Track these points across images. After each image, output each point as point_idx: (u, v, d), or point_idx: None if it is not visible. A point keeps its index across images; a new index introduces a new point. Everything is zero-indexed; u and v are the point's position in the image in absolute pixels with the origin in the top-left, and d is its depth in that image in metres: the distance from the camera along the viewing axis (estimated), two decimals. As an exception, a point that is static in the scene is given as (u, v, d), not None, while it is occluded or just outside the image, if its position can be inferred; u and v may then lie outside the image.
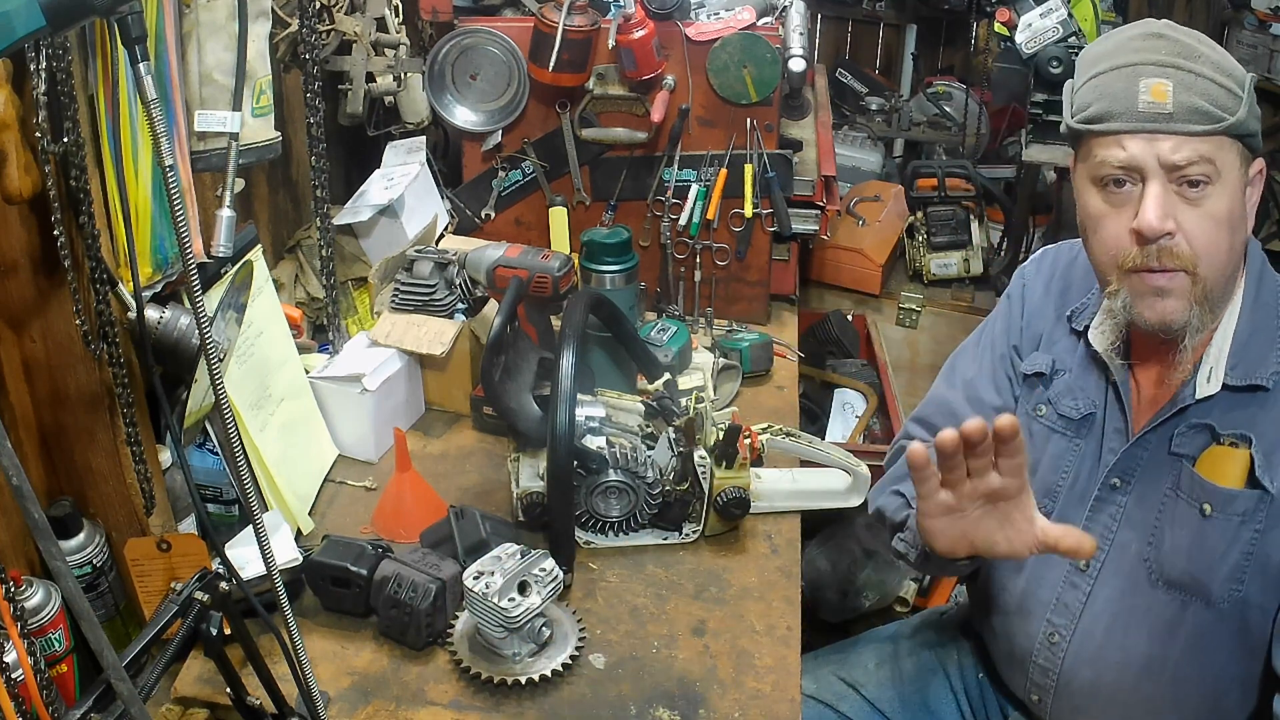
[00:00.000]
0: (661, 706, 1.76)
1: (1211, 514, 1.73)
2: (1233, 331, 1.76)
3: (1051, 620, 1.93)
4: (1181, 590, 1.78)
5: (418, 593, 1.81)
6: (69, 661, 1.74)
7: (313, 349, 2.45)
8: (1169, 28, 1.71)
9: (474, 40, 2.73)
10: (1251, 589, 1.73)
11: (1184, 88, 1.64)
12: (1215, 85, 1.64)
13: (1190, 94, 1.64)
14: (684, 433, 2.06)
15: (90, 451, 1.79)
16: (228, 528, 2.08)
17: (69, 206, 1.59)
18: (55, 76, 1.51)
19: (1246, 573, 1.72)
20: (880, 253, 3.88)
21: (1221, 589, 1.74)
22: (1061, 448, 1.93)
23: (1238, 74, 1.67)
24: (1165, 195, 1.67)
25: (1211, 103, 1.63)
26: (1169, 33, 1.69)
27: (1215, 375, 1.74)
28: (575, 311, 2.04)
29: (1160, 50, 1.67)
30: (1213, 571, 1.74)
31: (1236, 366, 1.74)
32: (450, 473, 2.32)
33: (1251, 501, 1.71)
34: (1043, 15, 3.33)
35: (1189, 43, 1.67)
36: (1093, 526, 1.87)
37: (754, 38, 2.67)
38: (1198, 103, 1.63)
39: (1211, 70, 1.65)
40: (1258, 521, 1.71)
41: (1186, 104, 1.63)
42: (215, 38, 1.75)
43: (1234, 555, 1.72)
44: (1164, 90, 1.64)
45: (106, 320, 1.69)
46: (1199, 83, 1.64)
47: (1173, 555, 1.78)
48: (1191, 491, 1.75)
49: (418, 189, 2.77)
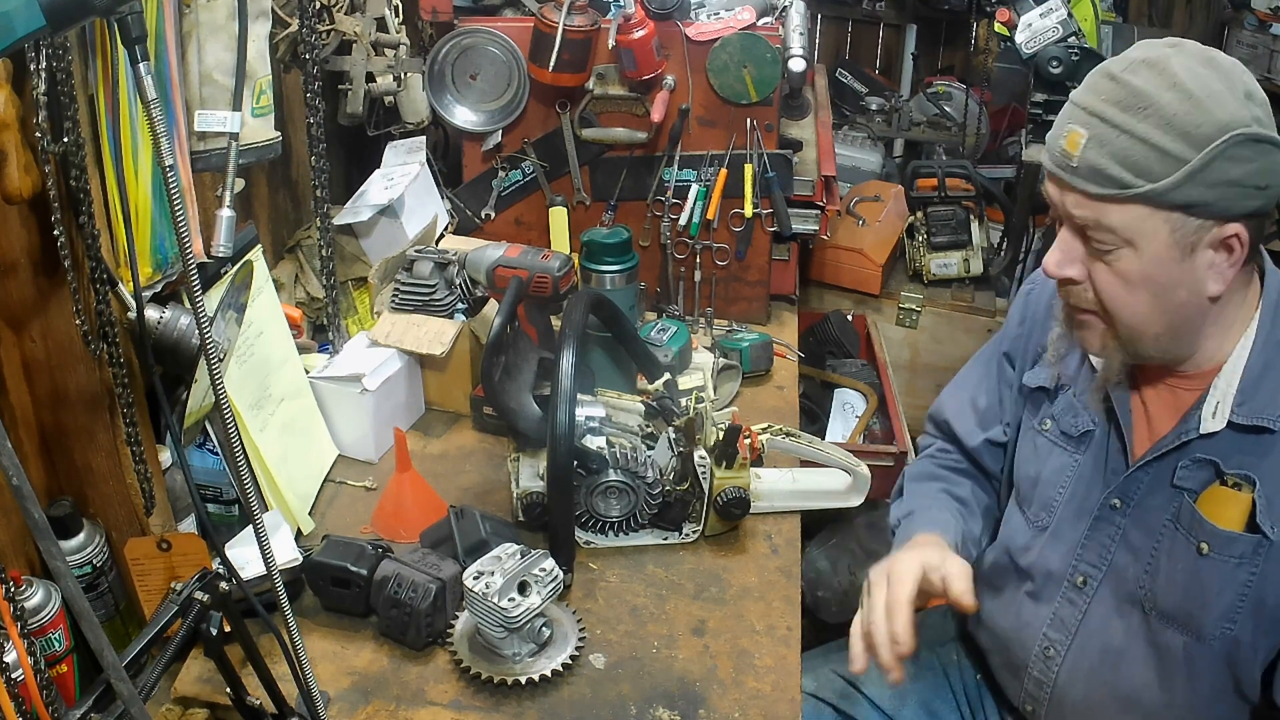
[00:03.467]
0: (661, 706, 1.76)
1: (1209, 553, 1.70)
2: (1243, 366, 1.69)
3: (1048, 634, 1.93)
4: (1172, 622, 1.77)
5: (418, 593, 1.81)
6: (69, 661, 1.74)
7: (313, 349, 2.45)
8: (1144, 65, 1.55)
9: (474, 40, 2.73)
10: (1243, 629, 1.71)
11: (1097, 144, 1.54)
12: (1143, 146, 1.51)
13: (1099, 152, 1.54)
14: (684, 433, 2.06)
15: (90, 451, 1.79)
16: (228, 528, 2.08)
17: (69, 206, 1.59)
18: (55, 76, 1.51)
19: (1240, 613, 1.70)
20: (880, 253, 3.88)
21: (1213, 627, 1.72)
22: (1062, 462, 1.92)
23: (1200, 135, 1.49)
24: (1072, 242, 1.65)
25: (1124, 166, 1.52)
26: (1126, 77, 1.55)
27: (1221, 411, 1.69)
28: (575, 311, 2.04)
29: (1101, 94, 1.56)
30: (1206, 609, 1.72)
31: (1244, 404, 1.68)
32: (450, 473, 2.32)
33: (1250, 545, 1.67)
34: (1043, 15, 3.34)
35: (1145, 90, 1.52)
36: (1090, 543, 1.86)
37: (754, 38, 2.67)
38: (1103, 164, 1.54)
39: (1151, 128, 1.51)
40: (1254, 565, 1.68)
41: (1090, 162, 1.55)
42: (215, 38, 1.75)
43: (1228, 596, 1.70)
44: (1077, 141, 1.56)
45: (106, 320, 1.69)
46: (1119, 140, 1.52)
47: (1168, 587, 1.76)
48: (1191, 527, 1.72)
49: (418, 189, 2.77)
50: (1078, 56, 3.29)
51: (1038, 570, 1.95)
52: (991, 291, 3.90)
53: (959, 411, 2.18)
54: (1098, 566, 1.86)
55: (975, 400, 2.15)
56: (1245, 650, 1.73)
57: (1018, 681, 2.01)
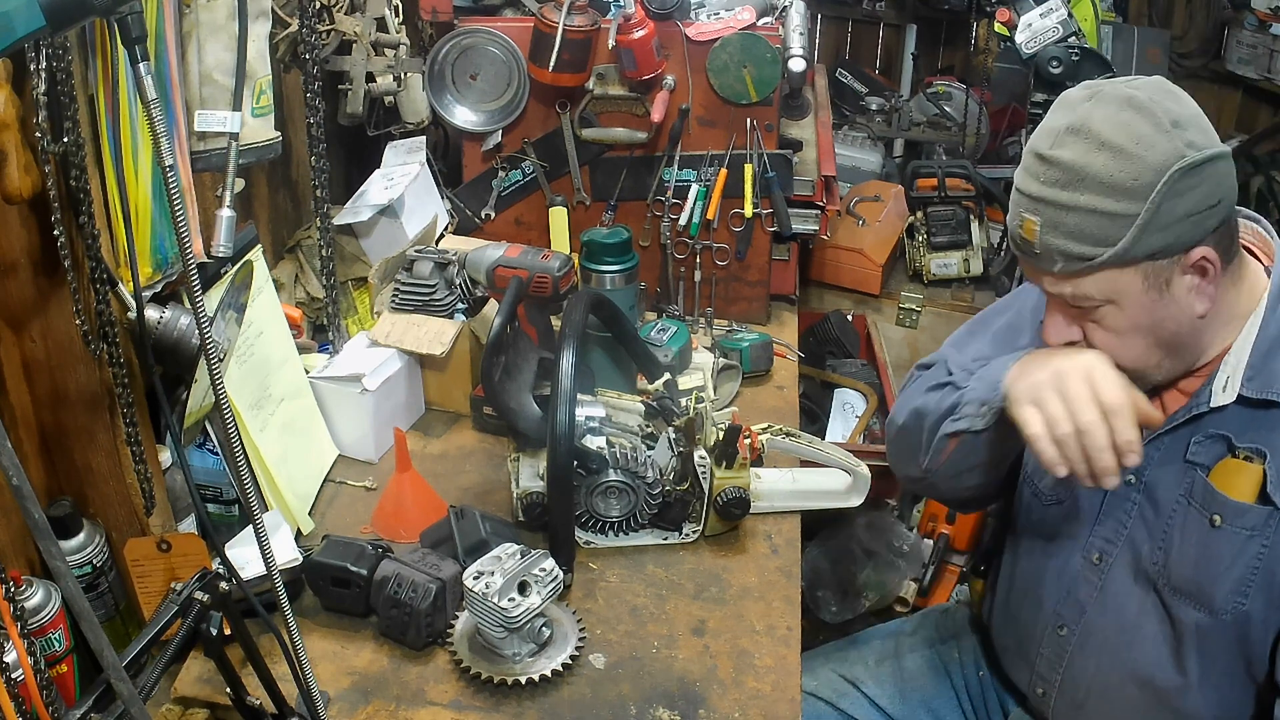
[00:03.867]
0: (661, 706, 1.76)
1: (1221, 525, 1.72)
2: (1252, 342, 1.72)
3: (1060, 612, 1.93)
4: (1186, 597, 1.78)
5: (418, 593, 1.81)
6: (69, 661, 1.74)
7: (313, 349, 2.45)
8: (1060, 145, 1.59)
9: (474, 40, 2.73)
10: (1255, 604, 1.72)
11: (1050, 227, 1.60)
12: (1093, 217, 1.57)
13: (1055, 235, 1.60)
14: (684, 433, 2.06)
15: (90, 451, 1.79)
16: (228, 528, 2.08)
17: (69, 206, 1.59)
18: (55, 76, 1.51)
19: (1251, 586, 1.71)
20: (880, 253, 3.88)
21: (1225, 600, 1.73)
22: None
23: (1140, 186, 1.54)
24: (1063, 313, 1.72)
25: (1081, 241, 1.58)
26: (1056, 154, 1.59)
27: (1232, 385, 1.71)
28: (575, 311, 2.04)
29: (1039, 178, 1.61)
30: (1217, 582, 1.73)
31: (1254, 378, 1.70)
32: (450, 473, 2.32)
33: (1261, 517, 1.69)
34: (1043, 15, 3.33)
35: (1076, 163, 1.57)
36: (1106, 520, 1.87)
37: (754, 38, 2.66)
38: (1063, 245, 1.60)
39: (1094, 197, 1.56)
40: (1266, 537, 1.69)
41: (1052, 245, 1.61)
42: (215, 38, 1.75)
43: (1239, 568, 1.71)
44: (1032, 229, 1.63)
45: (106, 320, 1.69)
46: (1069, 219, 1.58)
47: (1180, 562, 1.78)
48: (1204, 501, 1.74)
49: (418, 189, 2.77)
50: (1078, 56, 3.29)
51: (1050, 548, 1.95)
52: (992, 291, 3.89)
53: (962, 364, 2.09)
54: (1113, 542, 1.86)
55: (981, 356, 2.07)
56: (1257, 628, 1.73)
57: (1027, 663, 2.01)
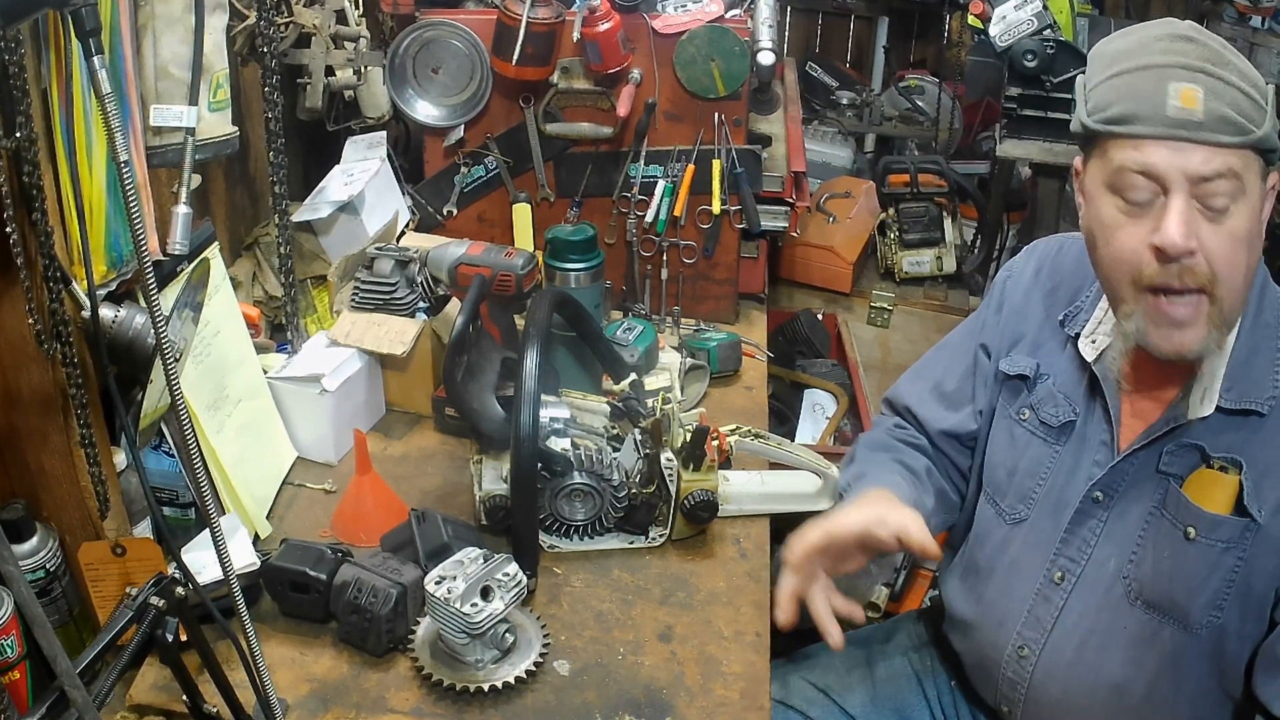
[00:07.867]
0: (627, 714, 1.74)
1: (1195, 538, 1.70)
2: (1229, 351, 1.70)
3: (1022, 633, 1.92)
4: (1159, 612, 1.77)
5: (378, 598, 1.79)
6: (21, 668, 1.72)
7: (271, 349, 2.42)
8: (1196, 30, 1.61)
9: (436, 33, 2.71)
10: (1230, 616, 1.71)
11: (1214, 95, 1.56)
12: (1243, 95, 1.56)
13: (1220, 102, 1.55)
14: (650, 434, 2.05)
15: (43, 453, 1.76)
16: (184, 531, 2.05)
17: (21, 203, 1.57)
18: (8, 70, 1.49)
19: (1227, 599, 1.70)
20: (851, 250, 3.88)
21: (1200, 614, 1.72)
22: (1040, 453, 1.92)
23: (1261, 85, 1.59)
24: (1189, 211, 1.59)
25: (1240, 113, 1.56)
26: (1198, 36, 1.61)
27: (1210, 396, 1.70)
28: (539, 310, 2.03)
29: (1190, 54, 1.59)
30: (1193, 596, 1.72)
31: (1232, 389, 1.69)
32: (411, 475, 2.30)
33: (1237, 529, 1.68)
34: (1017, 8, 3.32)
35: (1217, 49, 1.60)
36: (1071, 539, 1.86)
37: (722, 30, 2.65)
38: (1227, 112, 1.55)
39: (1239, 79, 1.57)
40: (1242, 549, 1.68)
41: (1217, 113, 1.55)
42: (171, 30, 1.75)
43: (1215, 581, 1.70)
44: (1195, 96, 1.56)
45: (60, 319, 1.67)
46: (1228, 91, 1.56)
47: (1153, 576, 1.76)
48: (1177, 513, 1.73)
49: (378, 185, 2.75)
50: (1053, 50, 3.28)
51: (1011, 567, 1.94)
52: (965, 290, 3.90)
53: (921, 398, 2.17)
54: (1076, 561, 1.85)
55: (941, 385, 2.14)
56: (1232, 641, 1.73)
57: (991, 683, 2.00)
